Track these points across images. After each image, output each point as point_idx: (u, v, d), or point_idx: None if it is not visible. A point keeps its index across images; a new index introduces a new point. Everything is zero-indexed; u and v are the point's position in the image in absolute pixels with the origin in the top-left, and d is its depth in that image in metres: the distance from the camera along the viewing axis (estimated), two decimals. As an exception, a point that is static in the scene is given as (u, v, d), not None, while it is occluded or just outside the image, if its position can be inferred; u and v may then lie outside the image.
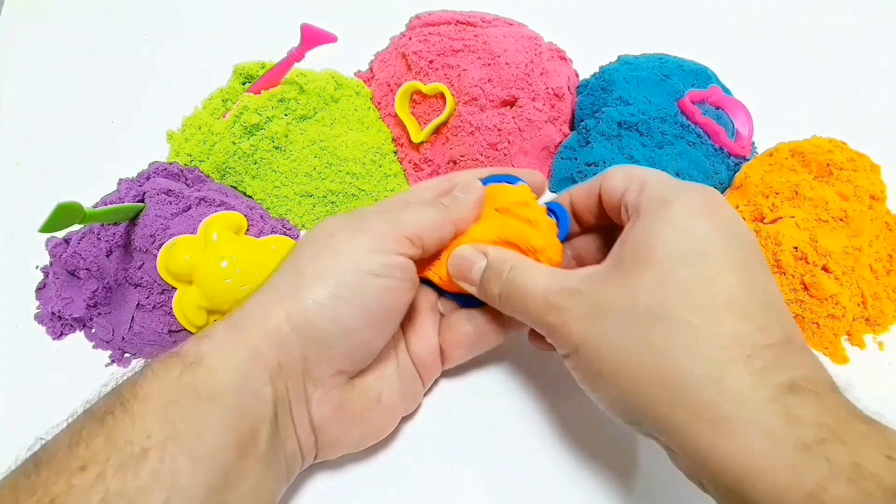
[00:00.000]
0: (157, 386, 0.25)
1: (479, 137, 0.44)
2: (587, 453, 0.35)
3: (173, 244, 0.37)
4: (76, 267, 0.38)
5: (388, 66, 0.48)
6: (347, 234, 0.29)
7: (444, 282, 0.33)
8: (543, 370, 0.37)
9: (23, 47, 0.54)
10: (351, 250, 0.29)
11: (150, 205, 0.38)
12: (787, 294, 0.39)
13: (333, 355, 0.29)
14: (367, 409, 0.31)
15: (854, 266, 0.38)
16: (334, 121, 0.46)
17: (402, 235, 0.30)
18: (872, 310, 0.39)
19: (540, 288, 0.28)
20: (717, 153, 0.44)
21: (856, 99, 0.52)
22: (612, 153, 0.42)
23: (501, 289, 0.30)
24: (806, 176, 0.42)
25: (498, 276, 0.30)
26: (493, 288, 0.30)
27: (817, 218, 0.40)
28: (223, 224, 0.38)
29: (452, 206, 0.32)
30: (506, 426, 0.36)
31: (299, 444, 0.29)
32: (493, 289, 0.30)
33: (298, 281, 0.28)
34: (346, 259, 0.28)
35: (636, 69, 0.46)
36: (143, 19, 0.55)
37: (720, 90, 0.47)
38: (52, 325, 0.39)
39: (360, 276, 0.28)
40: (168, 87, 0.50)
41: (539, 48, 0.46)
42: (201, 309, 0.37)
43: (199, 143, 0.44)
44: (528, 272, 0.29)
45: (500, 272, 0.30)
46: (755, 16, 0.57)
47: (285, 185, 0.44)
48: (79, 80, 0.52)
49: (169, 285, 0.37)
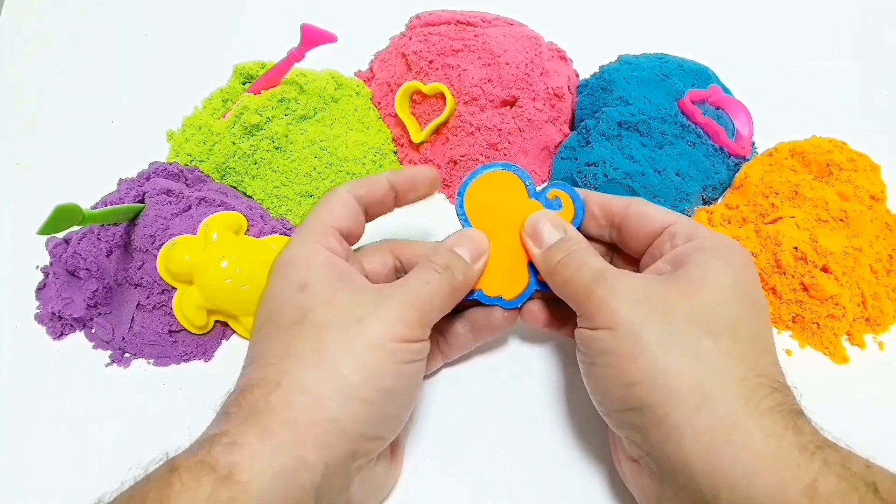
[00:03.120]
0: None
1: (479, 137, 0.44)
2: (588, 453, 0.35)
3: (173, 244, 0.37)
4: (76, 267, 0.38)
5: (388, 66, 0.48)
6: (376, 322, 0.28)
7: None
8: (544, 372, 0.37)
9: (23, 47, 0.54)
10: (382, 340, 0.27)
11: (150, 205, 0.38)
12: (787, 294, 0.39)
13: (380, 444, 0.29)
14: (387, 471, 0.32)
15: (854, 266, 0.38)
16: (334, 121, 0.46)
17: (429, 322, 0.30)
18: (872, 310, 0.39)
19: (598, 265, 0.30)
20: (717, 153, 0.44)
21: (856, 99, 0.52)
22: (612, 153, 0.42)
23: (564, 255, 0.31)
24: (806, 176, 0.42)
25: (567, 247, 0.31)
26: (556, 254, 0.31)
27: (817, 218, 0.40)
28: (223, 224, 0.38)
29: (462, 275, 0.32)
30: (507, 427, 0.36)
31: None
32: (556, 255, 0.31)
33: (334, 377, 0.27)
34: (382, 351, 0.27)
35: (636, 69, 0.46)
36: (143, 19, 0.55)
37: (720, 90, 0.47)
38: (52, 325, 0.39)
39: (400, 367, 0.28)
40: (168, 87, 0.50)
41: (539, 48, 0.46)
42: (201, 309, 0.37)
43: (199, 143, 0.44)
44: (590, 252, 0.31)
45: (569, 245, 0.32)
46: (756, 16, 0.57)
47: (285, 185, 0.44)
48: (79, 80, 0.52)
49: (169, 285, 0.37)
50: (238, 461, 0.24)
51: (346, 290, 0.29)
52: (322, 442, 0.26)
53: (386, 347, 0.27)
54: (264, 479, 0.24)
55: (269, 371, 0.27)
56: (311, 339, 0.27)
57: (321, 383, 0.26)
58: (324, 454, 0.26)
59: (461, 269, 0.31)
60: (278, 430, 0.25)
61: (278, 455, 0.25)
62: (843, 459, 0.24)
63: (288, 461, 0.25)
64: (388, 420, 0.29)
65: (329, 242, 0.31)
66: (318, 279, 0.29)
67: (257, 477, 0.24)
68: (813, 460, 0.24)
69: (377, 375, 0.27)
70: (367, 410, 0.27)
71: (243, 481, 0.24)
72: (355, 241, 0.33)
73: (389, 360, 0.27)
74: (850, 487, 0.23)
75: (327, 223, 0.31)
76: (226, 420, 0.26)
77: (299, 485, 0.25)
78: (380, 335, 0.27)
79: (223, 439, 0.25)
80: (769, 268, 0.39)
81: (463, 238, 0.33)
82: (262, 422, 0.25)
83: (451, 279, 0.31)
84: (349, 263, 0.31)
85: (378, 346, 0.27)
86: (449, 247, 0.32)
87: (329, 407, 0.26)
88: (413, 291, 0.29)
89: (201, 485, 0.23)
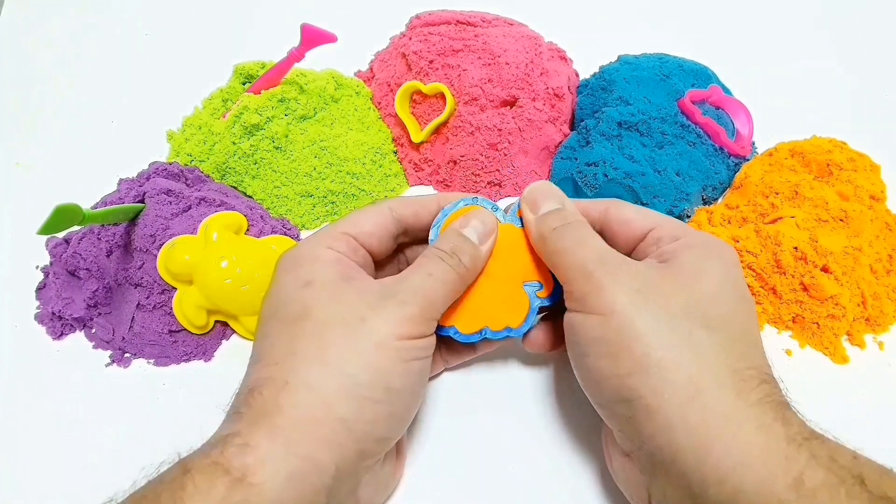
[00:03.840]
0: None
1: (479, 137, 0.44)
2: (588, 455, 0.35)
3: (173, 244, 0.37)
4: (76, 267, 0.38)
5: (388, 65, 0.48)
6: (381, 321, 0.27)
7: None
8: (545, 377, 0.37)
9: (23, 47, 0.54)
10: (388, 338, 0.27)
11: (150, 205, 0.38)
12: (787, 294, 0.39)
13: (388, 444, 0.29)
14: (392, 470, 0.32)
15: (854, 266, 0.38)
16: (334, 121, 0.46)
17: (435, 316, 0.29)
18: (872, 310, 0.39)
19: (598, 246, 0.30)
20: (717, 153, 0.44)
21: (856, 99, 0.51)
22: (612, 153, 0.42)
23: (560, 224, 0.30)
24: (806, 176, 0.42)
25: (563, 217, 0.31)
26: (551, 222, 0.31)
27: (817, 218, 0.40)
28: (223, 224, 0.38)
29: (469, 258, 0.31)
30: (508, 425, 0.36)
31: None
32: (552, 222, 0.31)
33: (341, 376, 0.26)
34: (388, 349, 0.27)
35: (636, 69, 0.46)
36: (143, 19, 0.55)
37: (720, 90, 0.47)
38: (52, 325, 0.39)
39: (407, 365, 0.28)
40: (168, 87, 0.50)
41: (539, 48, 0.46)
42: (201, 309, 0.37)
43: (199, 143, 0.44)
44: (588, 230, 0.31)
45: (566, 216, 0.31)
46: (755, 16, 0.57)
47: (285, 185, 0.44)
48: (79, 80, 0.52)
49: (169, 285, 0.37)
50: (251, 463, 0.24)
51: (350, 288, 0.29)
52: (332, 443, 0.26)
53: (392, 346, 0.27)
54: (277, 481, 0.24)
55: (275, 370, 0.27)
56: (314, 337, 0.27)
57: (328, 383, 0.26)
58: (335, 455, 0.26)
59: (468, 253, 0.30)
60: (288, 430, 0.25)
61: (290, 457, 0.25)
62: (830, 451, 0.24)
63: (300, 463, 0.25)
64: (396, 419, 0.29)
65: (339, 246, 0.30)
66: (323, 277, 0.29)
67: (270, 479, 0.24)
68: (800, 452, 0.24)
69: (384, 374, 0.27)
70: (375, 410, 0.27)
71: (256, 483, 0.24)
72: (381, 257, 0.33)
73: (396, 358, 0.27)
74: (838, 480, 0.23)
75: (342, 229, 0.31)
76: (237, 420, 0.26)
77: (311, 486, 0.25)
78: (385, 333, 0.27)
79: (235, 440, 0.25)
80: (769, 268, 0.39)
81: (469, 217, 0.32)
82: (273, 422, 0.25)
83: (457, 266, 0.30)
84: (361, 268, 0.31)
85: (384, 344, 0.27)
86: (456, 228, 0.31)
87: (338, 407, 0.26)
88: (416, 285, 0.29)
89: (214, 487, 0.23)
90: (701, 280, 0.28)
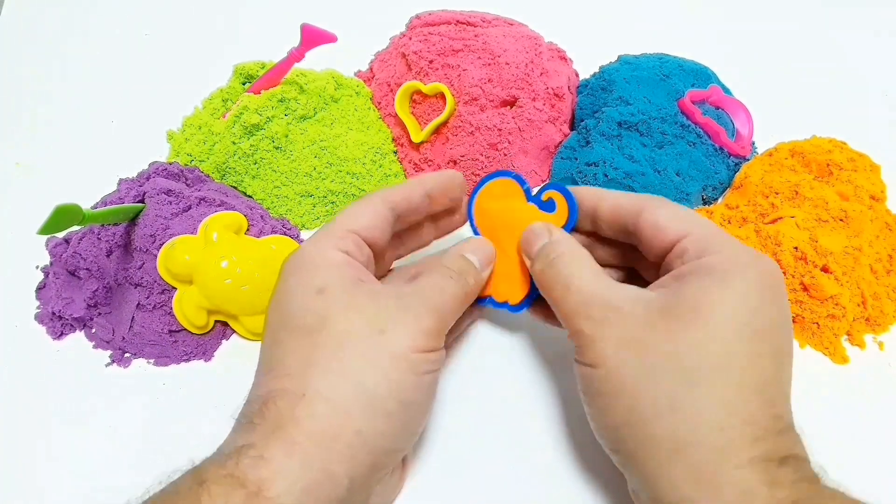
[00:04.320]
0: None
1: (479, 137, 0.44)
2: (589, 458, 0.35)
3: (173, 244, 0.37)
4: (76, 267, 0.38)
5: (388, 65, 0.48)
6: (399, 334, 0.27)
7: None
8: (549, 376, 0.37)
9: (23, 47, 0.54)
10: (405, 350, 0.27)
11: (150, 205, 0.38)
12: (787, 294, 0.39)
13: (399, 456, 0.29)
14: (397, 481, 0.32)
15: (854, 266, 0.38)
16: (334, 121, 0.46)
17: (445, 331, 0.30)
18: (872, 310, 0.39)
19: (583, 289, 0.29)
20: (717, 153, 0.44)
21: (856, 99, 0.51)
22: (612, 153, 0.42)
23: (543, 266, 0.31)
24: (806, 176, 0.42)
25: (546, 256, 0.31)
26: (536, 265, 0.31)
27: (817, 218, 0.40)
28: (223, 224, 0.38)
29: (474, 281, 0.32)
30: (510, 431, 0.36)
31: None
32: (538, 264, 0.31)
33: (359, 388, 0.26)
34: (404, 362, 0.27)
35: (636, 69, 0.46)
36: (143, 19, 0.55)
37: (720, 90, 0.47)
38: (52, 325, 0.39)
39: (420, 378, 0.28)
40: (168, 87, 0.50)
41: (539, 48, 0.46)
42: (201, 309, 0.37)
43: (199, 143, 0.44)
44: (574, 264, 0.30)
45: (549, 254, 0.31)
46: (755, 16, 0.57)
47: (285, 185, 0.44)
48: (79, 80, 0.52)
49: (169, 285, 0.37)
50: (266, 477, 0.24)
51: (365, 295, 0.28)
52: (347, 455, 0.25)
53: (408, 358, 0.27)
54: (293, 495, 0.24)
55: (290, 381, 0.26)
56: (333, 349, 0.27)
57: (346, 395, 0.26)
58: (349, 468, 0.26)
59: (473, 275, 0.32)
60: (305, 443, 0.25)
61: (306, 470, 0.25)
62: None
63: (315, 476, 0.25)
64: (408, 432, 0.29)
65: (345, 245, 0.30)
66: (336, 283, 0.28)
67: (286, 493, 0.24)
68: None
69: (400, 387, 0.27)
70: (389, 423, 0.27)
71: (272, 497, 0.24)
72: (383, 250, 0.33)
73: (410, 371, 0.27)
74: None
75: (346, 227, 0.30)
76: (250, 430, 0.26)
77: (326, 499, 0.25)
78: (403, 346, 0.27)
79: (250, 452, 0.25)
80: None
81: (473, 244, 0.33)
82: (289, 435, 0.25)
83: (464, 285, 0.31)
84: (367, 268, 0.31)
85: (401, 356, 0.27)
86: (461, 252, 0.33)
87: (354, 419, 0.26)
88: (431, 300, 0.29)
89: (230, 500, 0.23)
90: (696, 322, 0.26)
